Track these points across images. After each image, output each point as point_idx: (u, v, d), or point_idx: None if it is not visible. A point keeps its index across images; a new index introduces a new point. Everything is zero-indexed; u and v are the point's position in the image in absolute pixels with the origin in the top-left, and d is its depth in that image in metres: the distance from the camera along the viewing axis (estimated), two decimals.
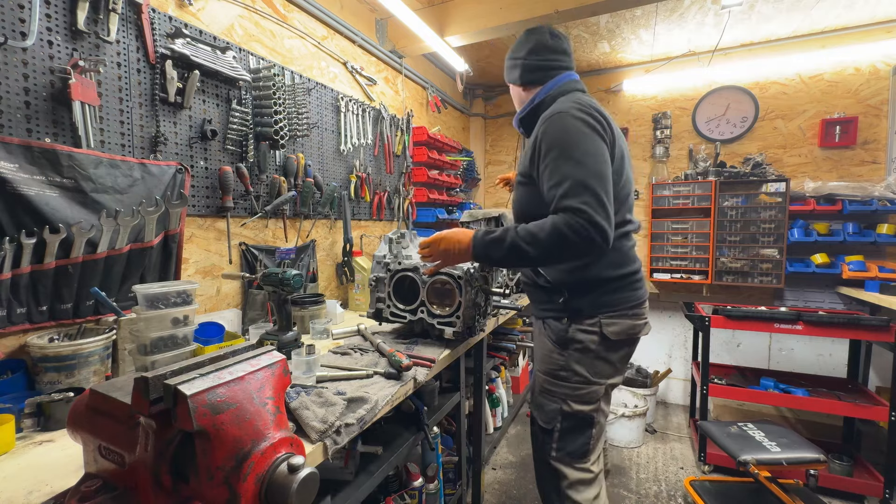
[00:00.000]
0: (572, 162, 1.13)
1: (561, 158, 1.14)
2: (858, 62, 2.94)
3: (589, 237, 1.07)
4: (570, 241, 1.08)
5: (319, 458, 0.86)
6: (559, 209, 1.11)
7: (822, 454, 1.80)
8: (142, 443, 0.57)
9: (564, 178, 1.12)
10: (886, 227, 2.74)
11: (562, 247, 1.09)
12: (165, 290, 1.11)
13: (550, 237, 1.10)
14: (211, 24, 1.62)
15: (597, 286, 1.28)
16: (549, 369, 1.34)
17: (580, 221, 1.07)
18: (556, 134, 1.18)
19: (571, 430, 1.31)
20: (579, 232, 1.07)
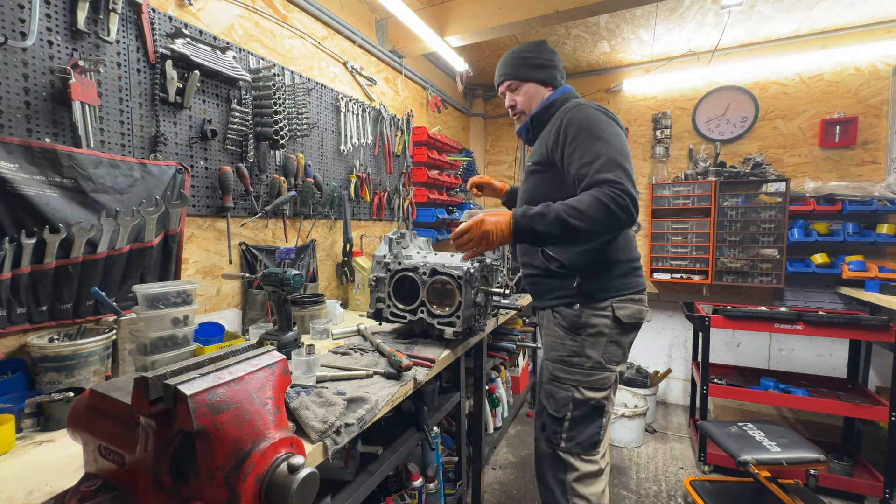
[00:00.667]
0: (601, 141, 1.23)
1: (590, 139, 1.24)
2: (858, 62, 2.94)
3: (626, 206, 1.15)
4: (611, 211, 1.15)
5: (319, 458, 0.86)
6: (594, 183, 1.19)
7: (822, 454, 1.80)
8: (142, 443, 0.57)
9: (598, 156, 1.21)
10: (886, 227, 2.74)
11: (604, 216, 1.15)
12: (165, 290, 1.11)
13: (593, 208, 1.16)
14: (211, 24, 1.62)
15: (608, 269, 1.35)
16: (561, 356, 1.37)
17: (617, 192, 1.15)
18: (582, 120, 1.29)
19: (583, 420, 1.33)
20: (618, 202, 1.15)
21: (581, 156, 1.24)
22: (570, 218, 1.17)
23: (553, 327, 1.41)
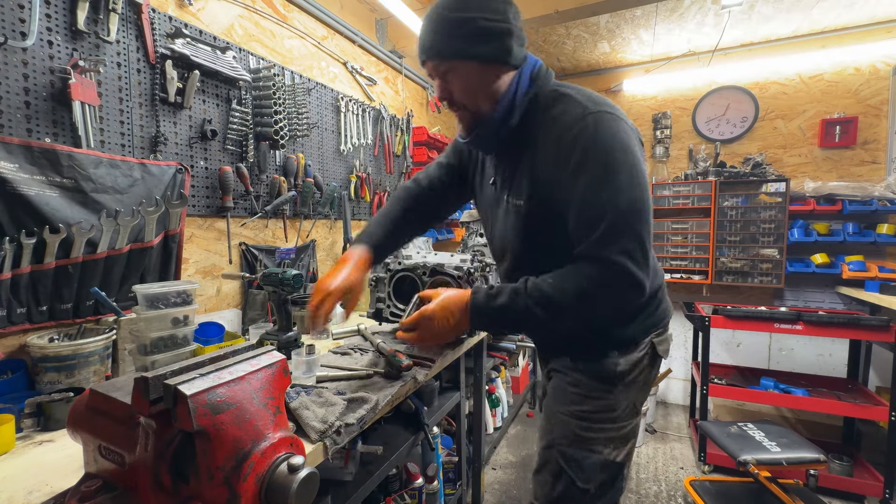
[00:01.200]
0: (612, 188, 0.85)
1: (599, 182, 0.86)
2: (858, 62, 2.94)
3: (623, 297, 0.88)
4: (598, 302, 0.89)
5: (319, 458, 0.86)
6: (590, 257, 0.87)
7: (822, 454, 1.80)
8: (142, 443, 0.57)
9: (603, 212, 0.85)
10: (886, 227, 2.74)
11: (586, 309, 0.90)
12: (165, 290, 1.11)
13: (575, 300, 0.88)
14: (211, 24, 1.62)
15: (644, 307, 1.05)
16: (585, 412, 1.03)
17: (616, 279, 0.85)
18: (603, 144, 0.87)
19: (611, 483, 1.03)
20: (613, 291, 0.87)
21: (583, 206, 0.88)
22: (542, 312, 0.89)
23: (575, 375, 1.06)
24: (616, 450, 1.03)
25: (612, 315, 0.96)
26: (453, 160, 1.29)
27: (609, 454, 1.02)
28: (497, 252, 1.16)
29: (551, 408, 1.10)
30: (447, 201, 1.33)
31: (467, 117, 1.00)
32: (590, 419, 1.03)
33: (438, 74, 0.98)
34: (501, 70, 0.95)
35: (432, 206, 1.32)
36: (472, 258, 1.55)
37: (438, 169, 1.31)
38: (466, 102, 0.98)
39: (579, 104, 0.91)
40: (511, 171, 1.02)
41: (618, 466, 1.03)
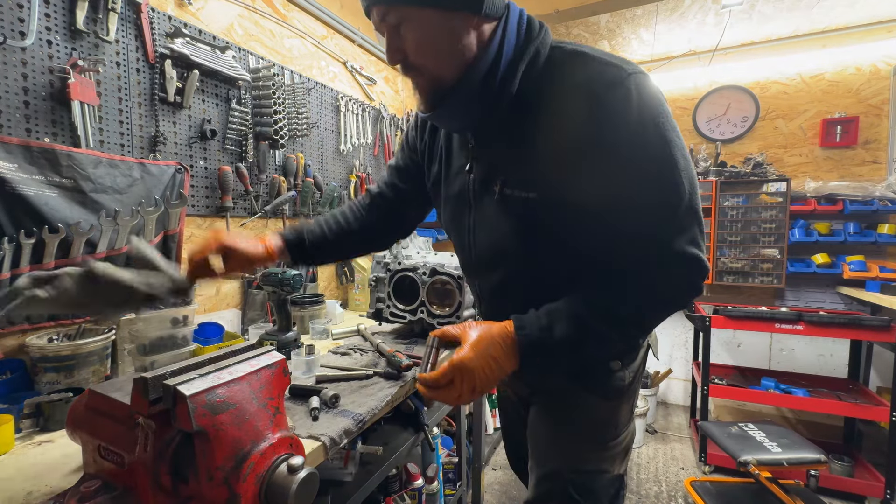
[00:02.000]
0: (675, 170, 0.69)
1: (661, 164, 0.68)
2: (859, 62, 2.94)
3: (696, 292, 0.75)
4: (675, 306, 0.75)
5: (319, 458, 0.86)
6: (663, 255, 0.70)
7: (822, 454, 1.79)
8: (141, 443, 0.57)
9: (668, 203, 0.69)
10: (887, 227, 2.73)
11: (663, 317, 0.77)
12: None
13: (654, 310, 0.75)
14: (210, 24, 1.62)
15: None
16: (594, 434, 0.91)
17: (692, 274, 0.72)
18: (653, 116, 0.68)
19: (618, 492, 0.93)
20: (689, 289, 0.74)
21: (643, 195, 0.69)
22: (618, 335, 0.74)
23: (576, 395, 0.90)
24: (621, 463, 0.94)
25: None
26: (403, 159, 1.09)
27: (616, 470, 0.93)
28: (479, 263, 0.90)
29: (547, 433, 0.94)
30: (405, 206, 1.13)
31: (427, 84, 0.76)
32: (597, 441, 0.90)
33: (387, 27, 0.73)
34: (471, 21, 0.71)
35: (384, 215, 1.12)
36: None
37: (389, 173, 1.13)
38: (425, 64, 0.74)
39: (609, 65, 0.70)
40: (506, 154, 0.79)
41: (621, 477, 0.94)
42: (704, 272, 0.72)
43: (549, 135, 0.74)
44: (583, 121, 0.69)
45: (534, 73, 0.74)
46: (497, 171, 0.80)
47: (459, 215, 0.91)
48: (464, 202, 0.89)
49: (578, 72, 0.72)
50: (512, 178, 0.78)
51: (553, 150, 0.73)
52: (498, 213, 0.82)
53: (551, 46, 0.76)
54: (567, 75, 0.73)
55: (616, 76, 0.68)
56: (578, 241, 0.77)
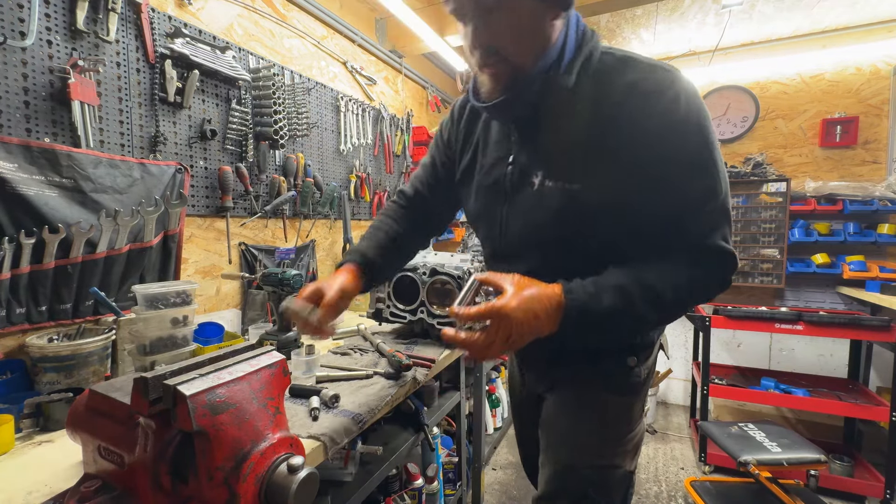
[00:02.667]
0: (715, 171, 0.74)
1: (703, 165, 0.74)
2: (859, 62, 2.94)
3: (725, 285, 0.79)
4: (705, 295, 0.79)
5: (319, 458, 0.86)
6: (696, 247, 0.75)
7: (822, 454, 1.79)
8: (141, 443, 0.57)
9: (706, 199, 0.74)
10: (887, 227, 2.73)
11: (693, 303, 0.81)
12: (165, 291, 1.11)
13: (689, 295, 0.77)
14: (210, 24, 1.62)
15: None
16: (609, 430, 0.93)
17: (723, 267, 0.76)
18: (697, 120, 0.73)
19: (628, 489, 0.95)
20: (719, 281, 0.77)
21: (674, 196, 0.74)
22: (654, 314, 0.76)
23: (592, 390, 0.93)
24: (632, 460, 0.95)
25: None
26: (438, 155, 1.10)
27: (628, 466, 0.94)
28: (510, 253, 0.92)
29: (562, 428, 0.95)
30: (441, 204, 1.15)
31: (506, 70, 0.78)
32: (612, 437, 0.92)
33: (480, 12, 0.74)
34: (557, 13, 0.76)
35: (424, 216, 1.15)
36: (472, 258, 1.55)
37: (424, 171, 1.14)
38: (511, 51, 0.76)
39: (658, 69, 0.75)
40: (549, 148, 0.83)
41: (632, 475, 0.96)
42: (735, 268, 0.77)
43: (598, 131, 0.76)
44: (633, 120, 0.74)
45: (586, 73, 0.78)
46: (538, 163, 0.83)
47: (492, 205, 0.92)
48: (499, 193, 0.90)
49: (629, 75, 0.76)
50: (554, 171, 0.81)
51: (601, 146, 0.76)
52: (535, 204, 0.83)
53: (601, 51, 0.81)
54: (617, 78, 0.76)
55: (665, 79, 0.74)
56: (614, 232, 0.80)
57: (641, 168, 0.74)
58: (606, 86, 0.77)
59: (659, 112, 0.72)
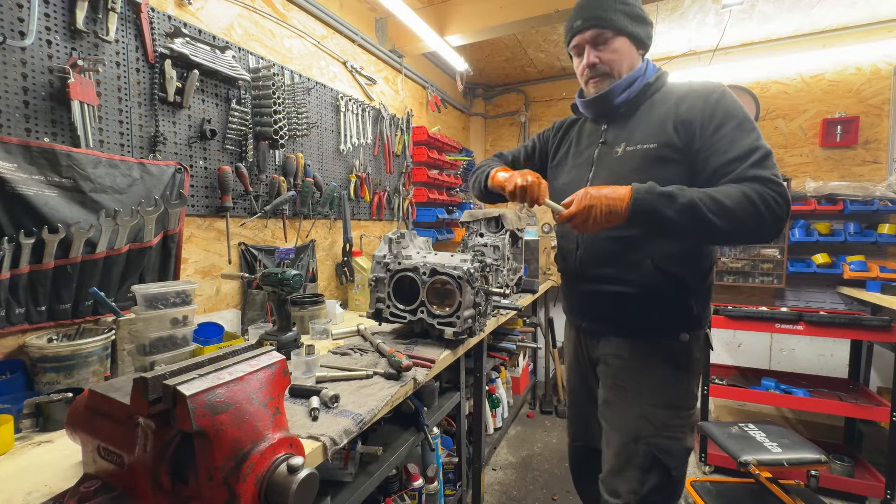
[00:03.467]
0: (756, 134, 1.02)
1: (742, 131, 1.02)
2: (859, 62, 2.94)
3: (780, 216, 0.95)
4: (760, 216, 0.94)
5: (319, 458, 0.86)
6: (747, 178, 0.96)
7: (823, 455, 1.79)
8: (141, 443, 0.57)
9: (753, 149, 0.99)
10: (888, 226, 2.73)
11: (750, 220, 0.94)
12: (164, 291, 1.11)
13: (740, 206, 0.94)
14: (210, 24, 1.62)
15: (711, 288, 1.18)
16: (671, 401, 1.11)
17: (774, 195, 0.94)
18: (732, 106, 1.05)
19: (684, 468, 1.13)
20: (772, 205, 0.94)
21: (728, 148, 1.01)
22: (707, 211, 0.93)
23: (657, 363, 1.12)
24: (690, 436, 1.11)
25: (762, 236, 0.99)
26: (533, 146, 1.52)
27: (688, 442, 1.10)
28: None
29: (629, 400, 1.13)
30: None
31: (602, 81, 1.18)
32: (675, 406, 1.10)
33: (597, 42, 1.15)
34: (640, 51, 1.20)
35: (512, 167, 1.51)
36: (472, 258, 1.55)
37: (521, 149, 1.56)
38: (612, 70, 1.16)
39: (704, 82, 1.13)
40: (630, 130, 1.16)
41: (689, 451, 1.12)
42: (785, 201, 0.95)
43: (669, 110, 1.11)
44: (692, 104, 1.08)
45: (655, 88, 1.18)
46: (622, 138, 1.17)
47: (579, 175, 1.24)
48: (587, 164, 1.24)
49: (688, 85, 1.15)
50: (635, 139, 1.14)
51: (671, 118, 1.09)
52: (618, 165, 1.15)
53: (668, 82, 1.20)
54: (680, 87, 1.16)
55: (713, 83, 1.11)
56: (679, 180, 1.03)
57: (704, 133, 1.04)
58: (673, 89, 1.15)
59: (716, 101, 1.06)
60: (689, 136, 1.06)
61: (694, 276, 1.10)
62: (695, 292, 1.10)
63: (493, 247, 2.19)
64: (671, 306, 1.11)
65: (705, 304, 1.14)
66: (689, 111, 1.07)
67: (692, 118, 1.06)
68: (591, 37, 1.15)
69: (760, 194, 0.94)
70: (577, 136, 1.34)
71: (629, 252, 1.12)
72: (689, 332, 1.11)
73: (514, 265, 2.35)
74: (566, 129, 1.41)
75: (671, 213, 0.95)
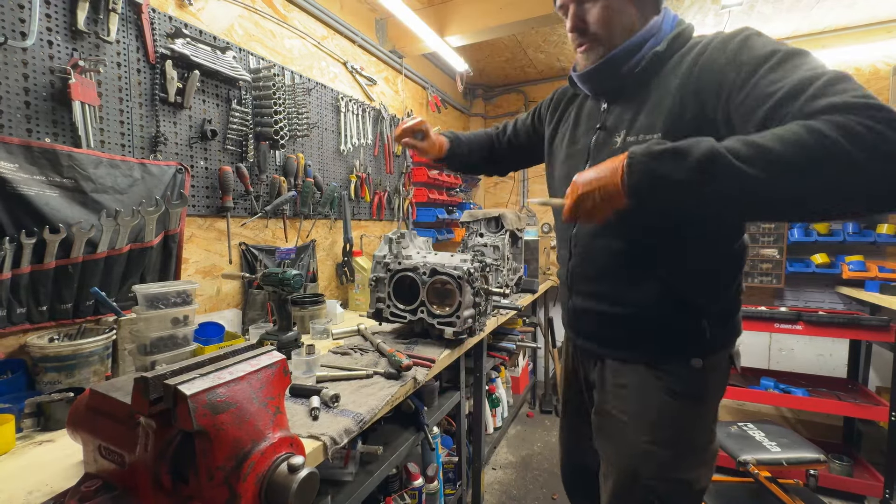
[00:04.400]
0: (812, 62, 0.68)
1: (790, 63, 0.69)
2: (859, 62, 2.94)
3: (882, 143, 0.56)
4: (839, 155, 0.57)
5: (319, 458, 0.86)
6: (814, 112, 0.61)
7: (822, 454, 1.79)
8: (142, 443, 0.57)
9: (814, 77, 0.64)
10: (886, 226, 2.74)
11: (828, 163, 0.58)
12: (165, 290, 1.11)
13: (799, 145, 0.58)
14: (211, 24, 1.62)
15: (737, 300, 0.94)
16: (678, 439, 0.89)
17: (864, 121, 0.57)
18: (763, 43, 0.75)
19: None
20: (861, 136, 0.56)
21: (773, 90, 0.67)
22: (741, 161, 0.61)
23: (658, 394, 0.90)
24: (706, 476, 0.92)
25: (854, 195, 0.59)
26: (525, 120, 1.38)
27: (700, 482, 0.90)
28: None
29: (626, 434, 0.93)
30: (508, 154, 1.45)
31: (594, 49, 0.94)
32: (684, 446, 0.89)
33: (577, 3, 0.93)
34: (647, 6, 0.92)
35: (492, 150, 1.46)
36: (472, 258, 1.55)
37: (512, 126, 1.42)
38: (602, 33, 0.91)
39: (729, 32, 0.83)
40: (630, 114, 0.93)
41: (703, 492, 0.92)
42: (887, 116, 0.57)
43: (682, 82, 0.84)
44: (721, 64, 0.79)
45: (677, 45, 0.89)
46: (622, 124, 0.94)
47: (574, 168, 1.00)
48: (583, 155, 1.02)
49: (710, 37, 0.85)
50: (636, 128, 0.90)
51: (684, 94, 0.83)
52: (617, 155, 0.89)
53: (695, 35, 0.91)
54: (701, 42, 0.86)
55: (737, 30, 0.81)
56: None
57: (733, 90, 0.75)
58: (692, 47, 0.87)
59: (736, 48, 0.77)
60: (712, 107, 0.78)
61: (708, 292, 0.90)
62: (709, 312, 0.89)
63: (492, 247, 2.19)
64: (677, 330, 0.90)
65: (725, 322, 0.92)
66: (705, 74, 0.79)
67: (710, 83, 0.78)
68: None
69: (838, 124, 0.57)
70: (576, 118, 1.10)
71: (626, 267, 0.93)
72: (702, 358, 0.89)
73: (513, 265, 2.35)
74: (565, 105, 1.17)
75: (683, 175, 0.65)
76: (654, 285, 0.90)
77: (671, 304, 0.90)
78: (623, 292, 0.94)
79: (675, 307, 0.90)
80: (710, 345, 0.90)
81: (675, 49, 0.89)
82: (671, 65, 0.88)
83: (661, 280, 0.90)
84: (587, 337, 1.05)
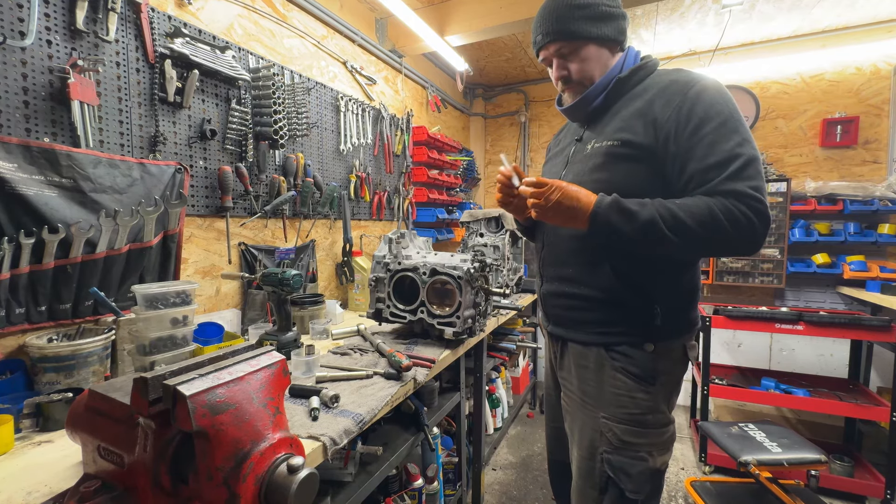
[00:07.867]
0: (739, 137, 0.91)
1: (726, 131, 0.91)
2: (859, 62, 2.94)
3: (753, 233, 0.88)
4: (723, 234, 0.87)
5: (319, 458, 0.86)
6: (720, 192, 0.88)
7: (823, 455, 1.79)
8: (141, 443, 0.57)
9: (734, 156, 0.89)
10: (888, 227, 2.73)
11: (715, 240, 0.89)
12: (164, 291, 1.11)
13: (703, 224, 0.87)
14: (210, 24, 1.62)
15: (691, 297, 1.06)
16: (631, 415, 1.00)
17: (745, 211, 0.86)
18: (715, 102, 0.94)
19: (655, 494, 1.03)
20: (740, 224, 0.86)
21: (706, 153, 0.91)
22: (668, 231, 0.89)
23: (613, 374, 1.02)
24: (660, 456, 1.01)
25: (732, 253, 0.95)
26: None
27: (654, 462, 1.00)
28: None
29: (586, 412, 1.06)
30: None
31: (577, 90, 1.11)
32: (635, 423, 1.00)
33: (560, 55, 1.08)
34: (614, 50, 1.09)
35: None
36: (471, 258, 1.55)
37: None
38: (583, 78, 1.09)
39: (690, 73, 1.02)
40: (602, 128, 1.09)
41: (661, 475, 1.02)
42: (760, 218, 0.88)
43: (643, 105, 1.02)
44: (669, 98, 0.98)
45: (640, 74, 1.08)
46: (594, 136, 1.10)
47: (557, 170, 1.20)
48: (563, 162, 1.19)
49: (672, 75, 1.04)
50: (602, 137, 1.07)
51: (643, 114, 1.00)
52: (586, 158, 1.09)
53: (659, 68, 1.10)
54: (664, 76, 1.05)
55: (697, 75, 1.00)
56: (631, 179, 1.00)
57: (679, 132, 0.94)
58: (654, 80, 1.05)
59: (695, 92, 0.96)
60: (663, 137, 0.96)
61: (659, 281, 1.01)
62: (660, 299, 1.00)
63: (493, 247, 2.19)
64: (632, 313, 1.02)
65: (678, 313, 1.03)
66: (664, 108, 0.97)
67: (667, 118, 0.96)
68: (555, 50, 1.08)
69: (728, 210, 0.86)
70: (564, 135, 1.31)
71: (588, 252, 1.06)
72: (654, 343, 1.01)
73: (514, 265, 2.35)
74: (560, 132, 1.38)
75: (629, 231, 0.91)
76: (607, 269, 1.04)
77: (626, 288, 1.02)
78: (585, 275, 1.08)
79: (630, 290, 1.02)
80: (661, 331, 1.01)
81: (640, 77, 1.07)
82: (637, 90, 1.06)
83: (615, 266, 1.03)
84: (556, 322, 1.17)
